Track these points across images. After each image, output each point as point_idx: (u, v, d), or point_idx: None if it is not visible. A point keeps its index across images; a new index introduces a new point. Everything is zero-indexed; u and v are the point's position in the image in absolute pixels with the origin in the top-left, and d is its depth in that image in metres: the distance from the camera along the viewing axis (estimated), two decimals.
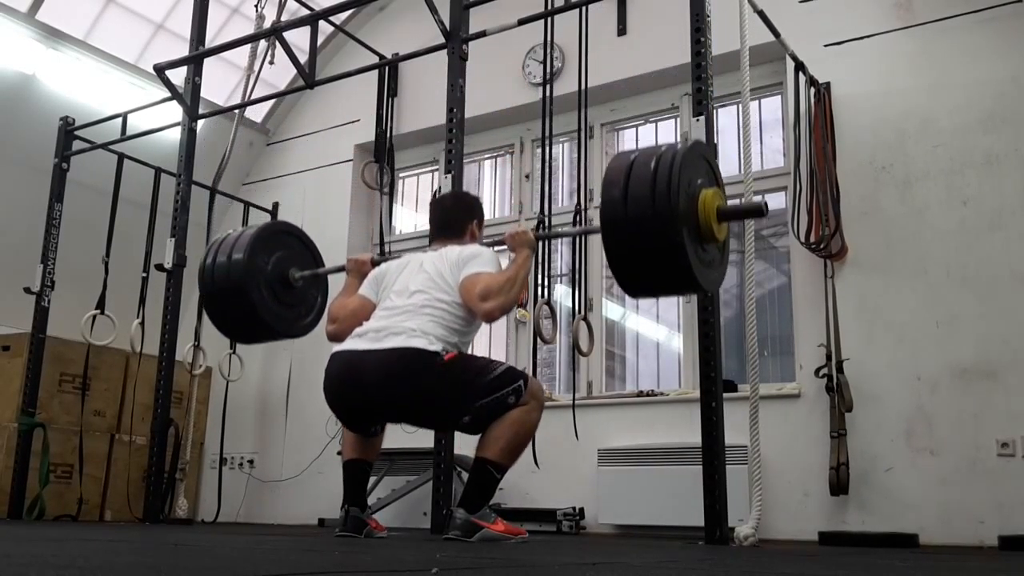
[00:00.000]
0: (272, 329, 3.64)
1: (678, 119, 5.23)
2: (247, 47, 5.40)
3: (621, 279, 2.66)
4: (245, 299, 3.48)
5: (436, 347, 2.83)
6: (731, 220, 2.70)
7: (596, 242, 5.26)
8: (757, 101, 4.93)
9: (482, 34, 4.07)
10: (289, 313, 3.68)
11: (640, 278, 2.65)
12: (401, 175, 6.30)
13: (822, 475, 4.08)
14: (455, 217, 3.27)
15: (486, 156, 5.99)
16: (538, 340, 3.98)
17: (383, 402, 2.90)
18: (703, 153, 2.73)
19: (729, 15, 3.54)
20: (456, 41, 4.07)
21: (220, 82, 6.11)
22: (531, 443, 3.86)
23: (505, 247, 3.11)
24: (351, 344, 2.97)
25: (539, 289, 4.08)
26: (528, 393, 2.88)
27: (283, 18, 5.27)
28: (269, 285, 3.57)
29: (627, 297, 5.37)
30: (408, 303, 2.96)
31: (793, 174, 4.46)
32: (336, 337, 3.17)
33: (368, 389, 2.88)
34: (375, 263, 3.35)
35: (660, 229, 2.46)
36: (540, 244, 4.16)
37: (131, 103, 5.54)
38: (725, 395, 3.27)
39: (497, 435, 2.84)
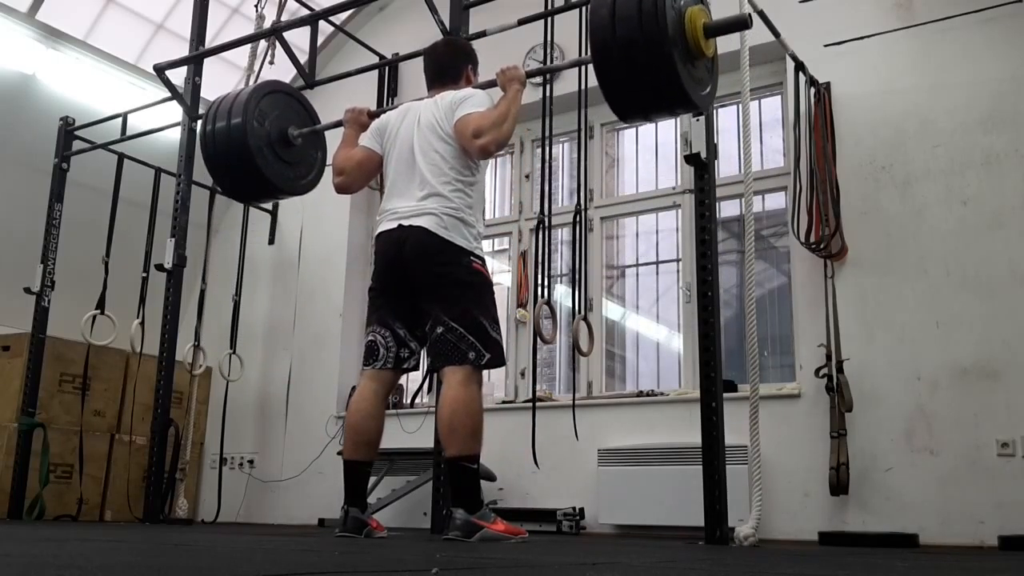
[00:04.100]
0: (276, 187, 3.76)
1: (678, 118, 5.22)
2: (247, 47, 5.39)
3: (613, 101, 2.71)
4: (248, 159, 3.59)
5: (466, 243, 2.96)
6: (718, 35, 2.76)
7: (596, 241, 5.27)
8: (757, 101, 4.93)
9: (482, 34, 4.06)
10: (291, 171, 3.81)
11: (632, 98, 2.71)
12: None
13: (822, 475, 4.08)
14: (451, 63, 3.30)
15: None
16: (538, 340, 3.97)
17: (414, 262, 2.98)
18: None
19: (729, 15, 3.54)
20: None
21: (220, 82, 6.10)
22: (532, 443, 3.89)
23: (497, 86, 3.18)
24: (388, 225, 3.06)
25: (539, 289, 4.08)
26: (475, 374, 2.92)
27: (283, 18, 5.27)
28: (269, 144, 3.68)
29: (627, 297, 5.38)
30: (416, 169, 3.05)
31: (793, 174, 4.46)
32: (344, 188, 3.33)
33: (405, 258, 2.99)
34: (372, 115, 3.43)
35: (649, 48, 2.52)
36: (538, 241, 4.17)
37: (131, 103, 5.54)
38: (725, 395, 3.27)
39: (452, 427, 2.86)
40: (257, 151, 3.61)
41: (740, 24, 2.80)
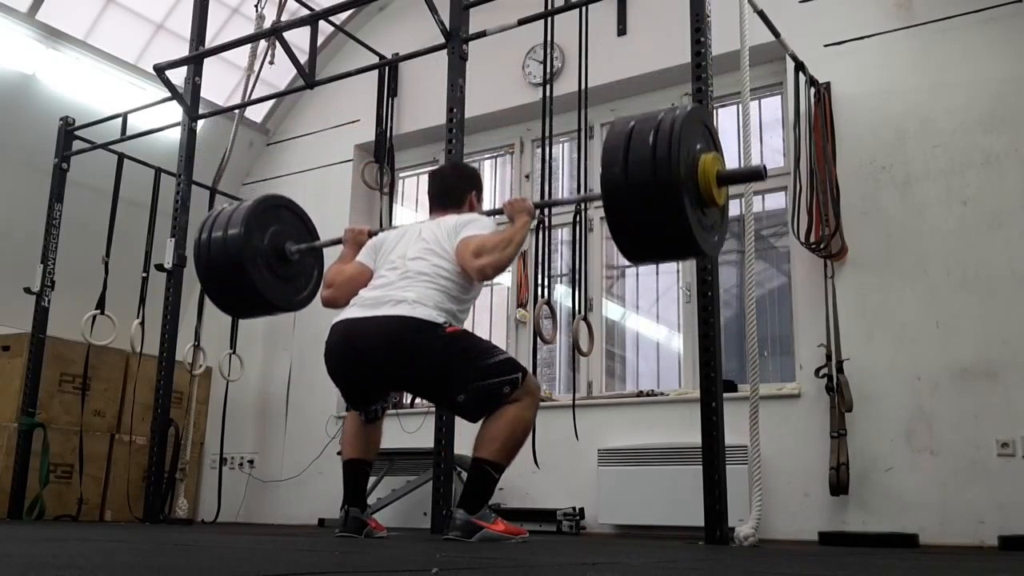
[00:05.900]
0: (271, 304, 3.64)
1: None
2: (247, 47, 5.40)
3: (623, 246, 2.69)
4: (243, 275, 3.47)
5: (438, 319, 2.86)
6: (731, 184, 2.73)
7: (596, 241, 5.27)
8: (757, 101, 4.92)
9: (482, 34, 4.07)
10: (287, 287, 3.69)
11: (642, 245, 2.69)
12: (401, 175, 6.30)
13: (822, 475, 4.08)
14: (454, 186, 3.29)
15: (486, 156, 5.99)
16: (538, 340, 3.97)
17: (382, 363, 2.90)
18: (702, 118, 2.75)
19: (729, 15, 3.54)
20: (456, 41, 4.07)
21: (220, 82, 6.11)
22: (531, 443, 3.89)
23: (504, 216, 3.16)
24: (350, 313, 2.98)
25: (539, 289, 4.08)
26: (524, 389, 2.87)
27: (283, 18, 5.27)
28: (266, 260, 3.56)
29: (627, 297, 5.38)
30: (406, 270, 2.98)
31: (793, 174, 4.47)
32: (331, 302, 3.21)
33: (368, 353, 2.90)
34: (371, 235, 3.37)
35: (661, 197, 2.49)
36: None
37: (131, 103, 5.54)
38: (725, 395, 3.27)
39: (493, 434, 2.84)
40: (254, 269, 3.47)
41: (754, 175, 2.75)
